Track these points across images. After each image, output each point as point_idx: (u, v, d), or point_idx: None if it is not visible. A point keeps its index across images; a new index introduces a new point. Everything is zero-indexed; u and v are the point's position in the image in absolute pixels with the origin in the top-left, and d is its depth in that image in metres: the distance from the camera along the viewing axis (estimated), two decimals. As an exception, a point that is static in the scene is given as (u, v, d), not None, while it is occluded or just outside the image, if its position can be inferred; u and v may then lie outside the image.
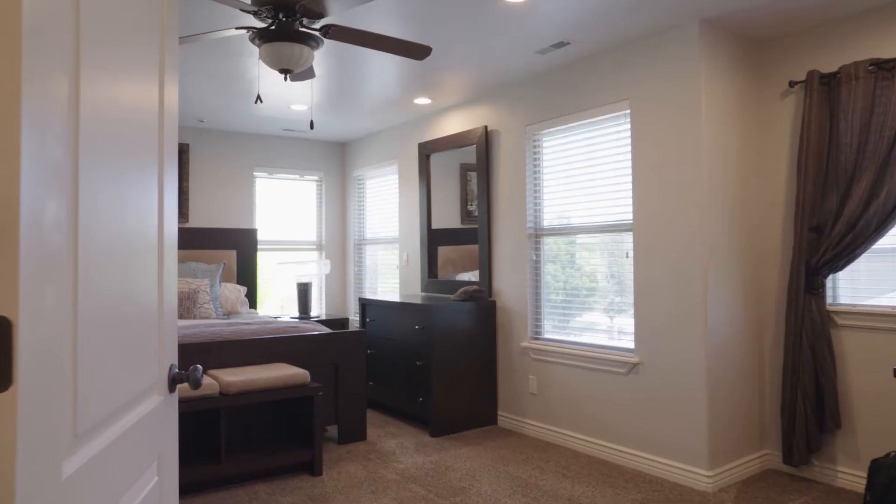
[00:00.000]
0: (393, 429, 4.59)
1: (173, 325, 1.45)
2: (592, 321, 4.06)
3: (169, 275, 1.41)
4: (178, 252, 5.64)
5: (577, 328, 4.15)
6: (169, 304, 1.41)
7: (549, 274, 4.38)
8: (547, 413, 4.29)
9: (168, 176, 1.40)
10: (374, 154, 6.29)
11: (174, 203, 1.44)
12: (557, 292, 4.31)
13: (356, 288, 6.65)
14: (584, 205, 4.08)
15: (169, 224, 1.40)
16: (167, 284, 1.40)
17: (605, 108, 3.89)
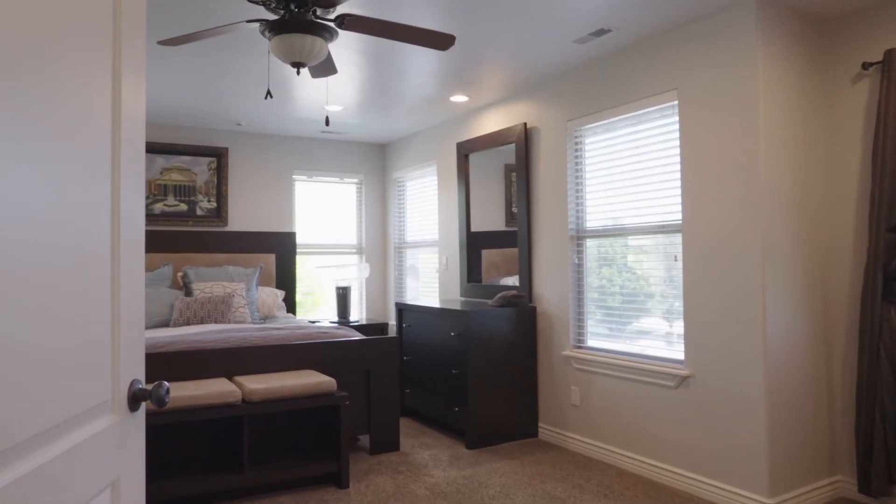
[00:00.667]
0: (428, 439, 4.40)
1: (136, 336, 1.30)
2: (639, 329, 3.77)
3: (130, 279, 1.26)
4: (217, 256, 5.67)
5: (623, 337, 3.87)
6: (130, 313, 1.26)
7: (593, 278, 4.11)
8: (590, 427, 4.01)
9: (128, 169, 1.25)
10: (414, 155, 6.14)
11: (138, 199, 1.30)
12: (602, 298, 4.03)
13: (396, 292, 6.51)
14: (629, 204, 3.79)
15: (129, 222, 1.25)
16: (127, 290, 1.25)
17: (651, 100, 3.61)
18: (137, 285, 1.30)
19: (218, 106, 5.00)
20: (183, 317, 4.57)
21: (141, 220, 1.32)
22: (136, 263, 1.29)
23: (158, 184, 5.50)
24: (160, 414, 3.04)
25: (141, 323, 1.32)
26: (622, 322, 3.87)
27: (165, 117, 5.31)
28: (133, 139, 1.28)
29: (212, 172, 5.72)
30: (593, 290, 4.10)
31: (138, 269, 1.30)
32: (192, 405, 3.10)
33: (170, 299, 4.72)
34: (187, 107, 4.99)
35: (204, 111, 5.14)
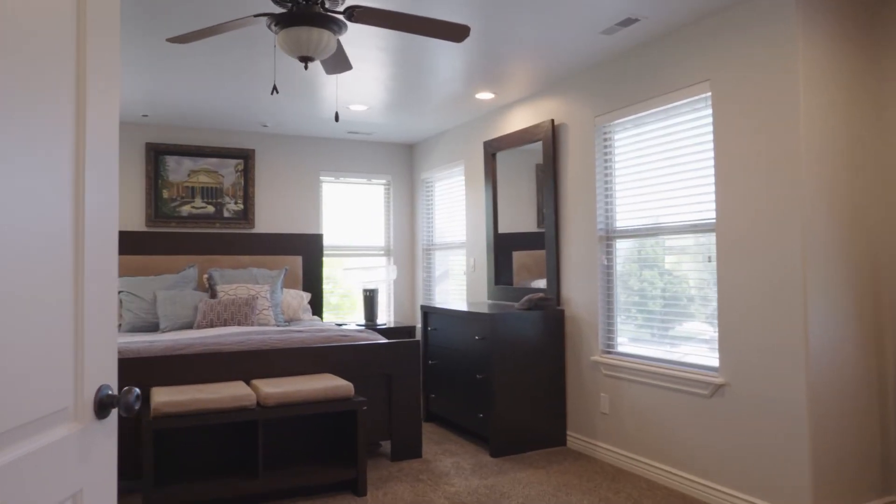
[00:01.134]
0: (452, 446, 4.28)
1: (106, 339, 1.21)
2: (670, 334, 3.58)
3: (98, 279, 1.18)
4: (244, 258, 5.66)
5: (654, 342, 3.68)
6: (98, 314, 1.18)
7: (622, 280, 3.93)
8: (620, 436, 3.84)
9: (96, 159, 1.17)
10: (441, 155, 6.03)
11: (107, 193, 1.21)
12: (632, 301, 3.85)
13: (424, 294, 6.41)
14: (660, 203, 3.61)
15: (97, 219, 1.17)
16: (95, 291, 1.16)
17: (682, 93, 3.42)
18: (108, 286, 1.22)
19: (244, 107, 4.98)
20: (206, 319, 4.56)
21: (112, 217, 1.24)
22: (107, 263, 1.21)
23: (186, 186, 5.52)
24: (172, 417, 2.99)
25: (112, 326, 1.24)
26: (653, 326, 3.69)
27: (192, 120, 5.33)
28: (102, 129, 1.20)
29: (239, 174, 5.72)
30: (622, 292, 3.92)
31: (109, 269, 1.22)
32: (206, 409, 3.05)
33: (194, 301, 4.71)
34: (213, 108, 5.00)
35: (230, 113, 5.14)
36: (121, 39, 3.51)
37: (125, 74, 4.12)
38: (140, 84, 4.34)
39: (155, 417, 2.97)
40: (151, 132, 5.46)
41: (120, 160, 5.35)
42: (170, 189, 5.46)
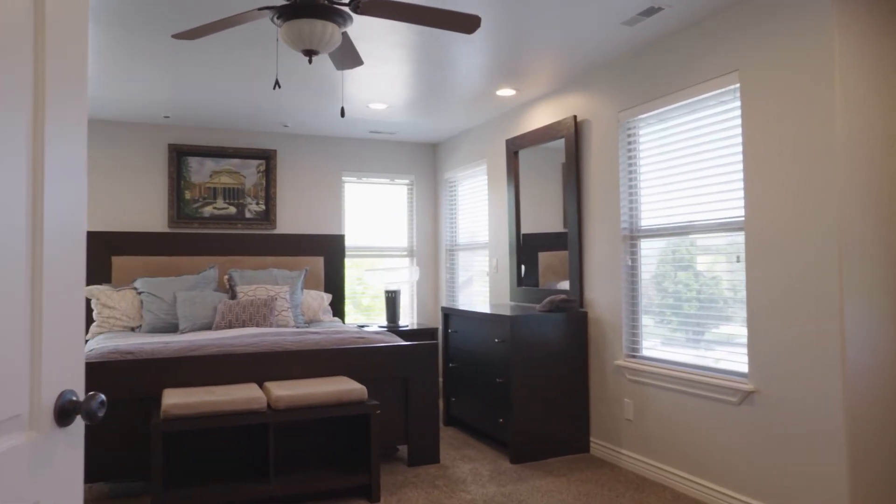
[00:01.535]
0: (471, 451, 4.18)
1: (71, 341, 1.15)
2: (697, 338, 3.42)
3: (60, 279, 1.11)
4: (266, 259, 5.65)
5: (681, 345, 3.52)
6: (60, 316, 1.11)
7: (647, 282, 3.77)
8: (644, 443, 3.68)
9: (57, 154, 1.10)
10: (464, 154, 5.94)
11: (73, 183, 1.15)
12: (656, 303, 3.70)
13: (448, 296, 6.32)
14: (686, 200, 3.45)
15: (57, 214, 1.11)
16: (55, 291, 1.10)
17: (709, 85, 3.26)
18: (72, 288, 1.15)
19: (264, 107, 4.96)
20: (225, 320, 4.54)
21: (78, 212, 1.17)
22: (71, 264, 1.15)
23: (208, 187, 5.53)
24: (181, 419, 2.95)
25: (78, 328, 1.17)
26: (678, 329, 3.53)
27: (214, 120, 5.34)
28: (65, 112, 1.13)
29: (260, 175, 5.71)
30: (647, 294, 3.77)
31: (74, 268, 1.15)
32: (215, 411, 3.01)
33: (214, 302, 4.70)
34: (235, 109, 4.99)
35: (251, 113, 5.13)
36: (142, 41, 3.51)
37: (147, 76, 4.12)
38: (161, 85, 4.34)
39: (164, 420, 2.93)
40: (174, 133, 5.48)
41: (142, 161, 5.38)
42: (192, 190, 5.47)
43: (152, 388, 3.29)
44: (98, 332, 4.59)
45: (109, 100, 4.66)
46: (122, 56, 3.76)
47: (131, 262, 5.15)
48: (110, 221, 5.25)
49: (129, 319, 4.71)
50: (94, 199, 5.22)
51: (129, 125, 5.35)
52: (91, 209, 5.20)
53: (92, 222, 5.20)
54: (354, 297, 6.30)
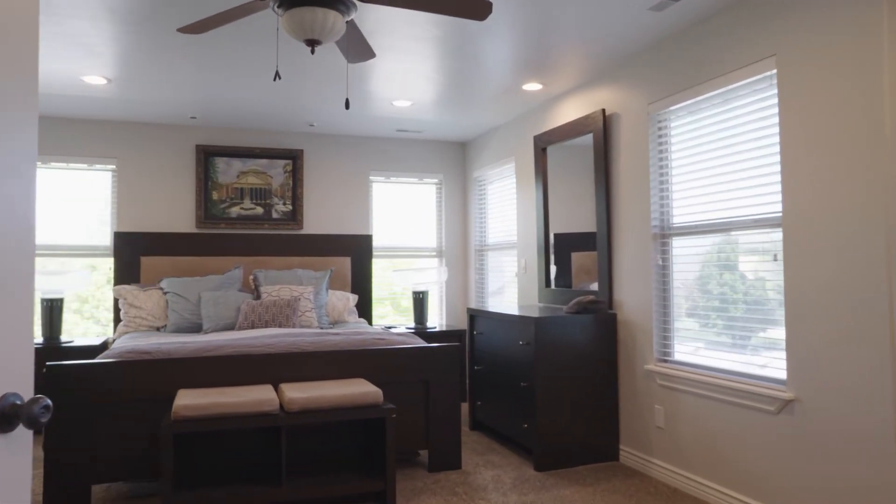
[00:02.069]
0: (495, 457, 4.04)
1: (15, 341, 1.07)
2: (731, 341, 3.21)
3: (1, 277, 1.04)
4: (292, 259, 5.62)
5: (715, 350, 3.32)
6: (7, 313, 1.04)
7: (679, 282, 3.58)
8: (676, 453, 3.48)
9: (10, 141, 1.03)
10: (492, 152, 5.80)
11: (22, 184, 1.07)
12: (688, 305, 3.50)
13: (477, 297, 6.19)
14: (720, 196, 3.25)
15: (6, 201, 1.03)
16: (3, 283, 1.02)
17: (743, 72, 3.06)
18: (17, 287, 1.07)
19: (290, 107, 4.93)
20: (248, 320, 4.51)
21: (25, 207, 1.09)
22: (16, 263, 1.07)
23: (235, 187, 5.54)
24: (191, 421, 2.91)
25: (26, 328, 1.10)
26: (712, 332, 3.32)
27: (240, 121, 5.34)
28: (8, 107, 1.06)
29: (287, 175, 5.69)
30: (679, 296, 3.57)
31: (19, 269, 1.08)
32: (227, 413, 2.95)
33: (237, 302, 4.69)
34: (261, 109, 4.97)
35: (277, 113, 5.11)
36: (167, 44, 3.50)
37: (173, 77, 4.12)
38: (188, 86, 4.35)
39: (175, 421, 2.89)
40: (201, 134, 5.51)
41: (169, 162, 5.41)
42: (219, 190, 5.49)
43: (168, 388, 3.26)
44: (124, 332, 4.63)
45: (137, 101, 4.70)
46: (148, 57, 3.76)
47: (160, 263, 5.19)
48: (139, 222, 5.30)
49: (154, 319, 4.73)
50: (124, 200, 5.28)
51: (158, 126, 5.39)
52: (121, 210, 5.26)
53: (122, 223, 5.26)
54: (394, 299, 6.23)
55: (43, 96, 4.54)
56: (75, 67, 3.93)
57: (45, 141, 5.10)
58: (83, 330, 5.27)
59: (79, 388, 3.14)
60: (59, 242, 5.15)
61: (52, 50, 3.62)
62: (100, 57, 3.74)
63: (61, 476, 3.11)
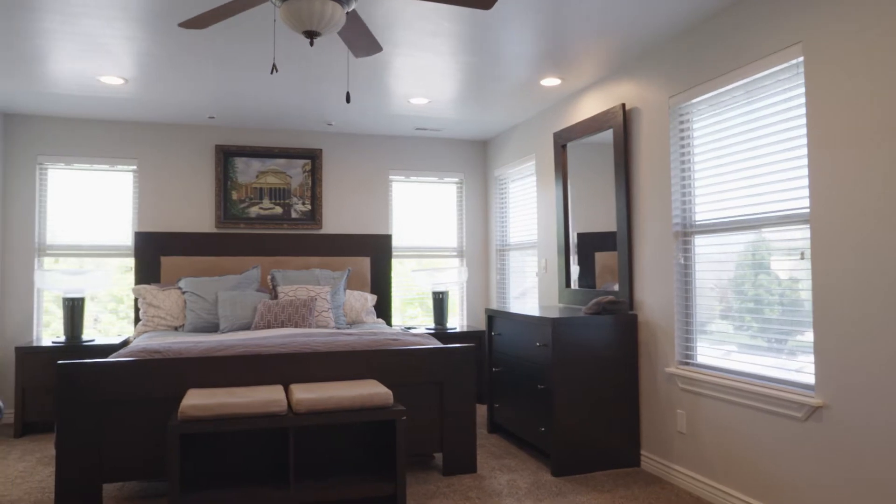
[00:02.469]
0: (511, 461, 3.94)
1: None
2: (756, 344, 3.06)
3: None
4: (311, 259, 5.60)
5: (738, 352, 3.17)
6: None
7: (702, 282, 3.43)
8: (699, 460, 3.34)
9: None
10: (513, 150, 5.70)
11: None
12: (712, 306, 3.35)
13: (499, 297, 6.09)
14: (744, 191, 3.11)
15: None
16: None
17: (768, 61, 2.91)
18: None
19: (308, 106, 4.91)
20: (264, 320, 4.49)
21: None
22: None
23: (254, 187, 5.54)
24: (198, 421, 2.88)
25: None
26: (736, 334, 3.18)
27: (259, 120, 5.34)
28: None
29: (306, 174, 5.67)
30: (702, 296, 3.43)
31: None
32: (233, 413, 2.92)
33: (254, 302, 4.67)
34: (279, 108, 4.96)
35: (295, 112, 5.09)
36: (183, 43, 3.50)
37: (191, 77, 4.13)
38: (205, 85, 4.35)
39: (181, 421, 2.87)
40: (220, 134, 5.53)
41: (190, 162, 5.44)
42: (238, 190, 5.50)
43: (179, 387, 3.25)
44: (143, 331, 4.65)
45: (156, 102, 4.72)
46: (166, 57, 3.77)
47: (179, 262, 5.22)
48: (160, 222, 5.34)
49: (172, 319, 4.75)
50: (145, 200, 5.32)
51: (177, 127, 5.42)
52: (142, 210, 5.30)
53: (142, 223, 5.30)
54: (422, 300, 6.17)
55: (62, 97, 4.59)
56: (92, 68, 3.95)
57: (68, 142, 5.17)
58: (119, 329, 5.33)
59: (89, 386, 3.14)
60: (85, 242, 5.21)
61: (67, 50, 3.64)
62: (115, 57, 3.76)
63: (72, 474, 3.11)
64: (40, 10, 3.09)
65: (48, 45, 3.55)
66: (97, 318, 5.31)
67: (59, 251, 5.16)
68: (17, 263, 5.03)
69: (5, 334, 5.00)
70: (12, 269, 5.02)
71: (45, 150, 5.14)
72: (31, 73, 4.07)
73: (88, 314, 5.22)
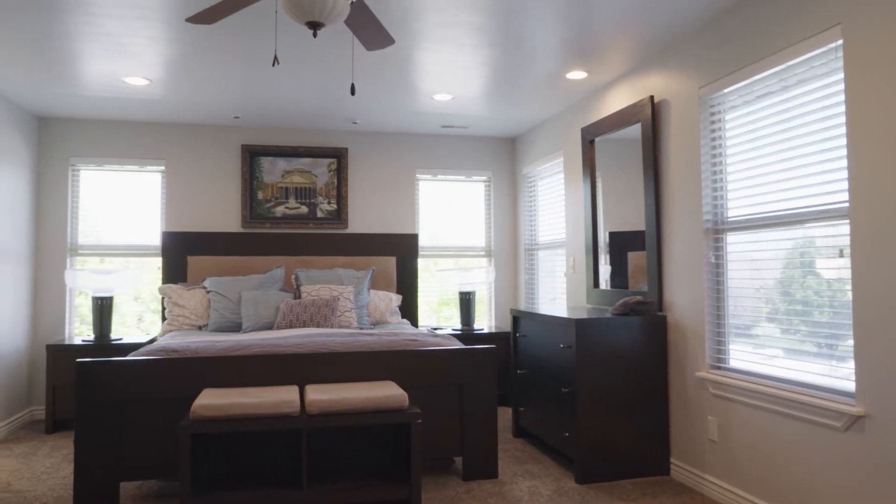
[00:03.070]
0: (535, 466, 3.82)
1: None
2: (792, 347, 2.87)
3: None
4: (336, 259, 5.57)
5: (771, 356, 2.99)
6: None
7: (734, 282, 3.26)
8: (731, 469, 3.17)
9: None
10: (541, 147, 5.57)
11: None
12: (745, 306, 3.18)
13: (527, 298, 5.96)
14: (779, 185, 2.93)
15: None
16: None
17: (804, 45, 2.73)
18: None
19: (332, 104, 4.88)
20: (286, 320, 4.47)
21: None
22: None
23: (280, 186, 5.54)
24: (209, 422, 2.85)
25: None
26: (770, 337, 2.99)
27: (284, 120, 5.33)
28: None
29: (332, 174, 5.65)
30: (735, 296, 3.25)
31: None
32: (245, 414, 2.88)
33: (277, 302, 4.66)
34: (303, 107, 4.94)
35: (319, 111, 5.07)
36: (205, 42, 3.50)
37: (217, 77, 4.13)
38: (230, 86, 4.36)
39: (192, 421, 2.84)
40: (246, 134, 5.54)
41: (216, 162, 5.47)
42: (264, 190, 5.51)
43: (195, 386, 3.23)
44: (168, 331, 4.68)
45: (181, 102, 4.75)
46: (188, 57, 3.78)
47: (206, 262, 5.25)
48: (187, 222, 5.38)
49: (197, 318, 4.77)
50: (172, 200, 5.37)
51: (204, 127, 5.46)
52: (169, 210, 5.35)
53: (170, 223, 5.35)
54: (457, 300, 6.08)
55: (92, 99, 4.66)
56: (116, 69, 3.99)
57: (99, 144, 5.25)
58: (159, 328, 5.39)
59: (107, 385, 3.15)
60: (115, 242, 5.29)
61: (91, 51, 3.68)
62: (137, 57, 3.78)
63: (90, 472, 3.12)
64: (62, 11, 3.11)
65: (73, 46, 3.59)
66: (141, 317, 5.38)
67: (91, 251, 5.25)
68: (50, 263, 5.14)
69: (39, 333, 5.10)
70: (45, 269, 5.13)
71: (77, 152, 5.24)
72: (61, 75, 4.13)
73: (132, 314, 5.32)
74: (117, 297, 5.25)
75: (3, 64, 3.89)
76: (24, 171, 4.92)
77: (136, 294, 5.35)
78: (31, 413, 5.04)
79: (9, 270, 4.65)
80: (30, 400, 5.04)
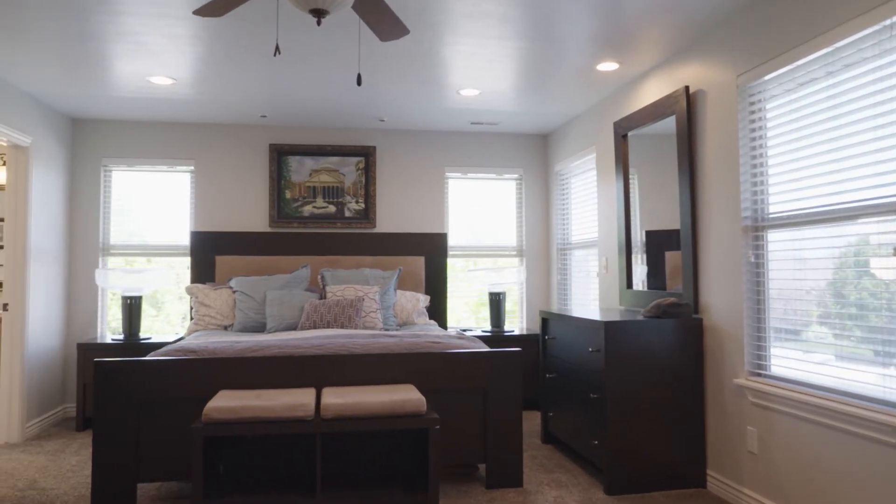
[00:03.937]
0: (562, 475, 3.66)
1: None
2: (842, 354, 2.65)
3: None
4: (364, 259, 5.50)
5: (818, 363, 2.76)
6: None
7: (776, 283, 3.04)
8: (771, 484, 2.95)
9: None
10: (573, 143, 5.39)
11: None
12: (788, 309, 2.95)
13: (560, 299, 5.78)
14: (825, 177, 2.70)
15: None
16: None
17: (852, 25, 2.51)
18: None
19: (360, 102, 4.80)
20: (310, 320, 4.41)
21: None
22: None
23: (307, 186, 5.50)
24: (221, 424, 2.79)
25: None
26: (817, 343, 2.77)
27: (311, 118, 5.29)
28: None
29: (359, 172, 5.58)
30: (777, 299, 3.03)
31: None
32: (258, 417, 2.81)
33: (302, 302, 4.61)
34: (330, 105, 4.89)
35: (346, 109, 5.00)
36: (234, 42, 3.46)
37: (244, 76, 4.11)
38: (257, 85, 4.33)
39: (205, 423, 2.79)
40: (274, 133, 5.52)
41: (244, 161, 5.46)
42: (292, 189, 5.47)
43: (212, 387, 3.18)
44: (193, 330, 4.68)
45: (208, 101, 4.75)
46: (217, 56, 3.76)
47: (234, 262, 5.24)
48: (215, 222, 5.39)
49: (223, 318, 4.75)
50: (201, 200, 5.38)
51: (232, 127, 5.46)
52: (198, 210, 5.37)
53: (198, 223, 5.36)
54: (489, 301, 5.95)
55: (122, 100, 4.69)
56: (139, 68, 3.99)
57: (130, 144, 5.30)
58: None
59: (125, 385, 3.13)
60: (146, 242, 5.33)
61: (116, 51, 3.68)
62: (159, 56, 3.77)
63: (109, 473, 3.10)
64: (85, 11, 3.11)
65: (97, 46, 3.59)
66: (185, 315, 5.42)
67: (122, 251, 5.30)
68: (83, 263, 5.20)
69: (71, 331, 5.17)
70: (78, 269, 5.20)
71: (109, 153, 5.29)
72: (90, 76, 4.15)
73: (176, 312, 5.36)
74: (161, 295, 5.31)
75: (38, 65, 3.93)
76: (59, 172, 4.99)
77: (180, 294, 5.38)
78: (63, 410, 5.11)
79: (43, 270, 4.72)
80: (63, 397, 5.11)
